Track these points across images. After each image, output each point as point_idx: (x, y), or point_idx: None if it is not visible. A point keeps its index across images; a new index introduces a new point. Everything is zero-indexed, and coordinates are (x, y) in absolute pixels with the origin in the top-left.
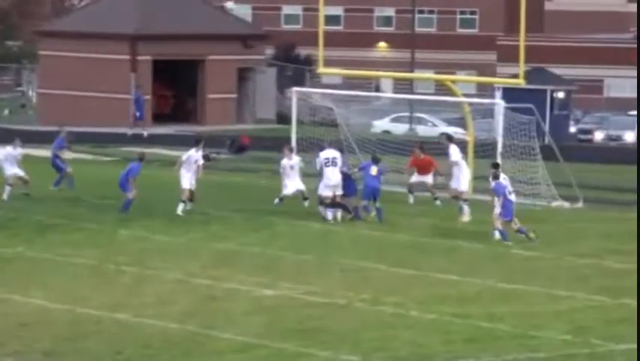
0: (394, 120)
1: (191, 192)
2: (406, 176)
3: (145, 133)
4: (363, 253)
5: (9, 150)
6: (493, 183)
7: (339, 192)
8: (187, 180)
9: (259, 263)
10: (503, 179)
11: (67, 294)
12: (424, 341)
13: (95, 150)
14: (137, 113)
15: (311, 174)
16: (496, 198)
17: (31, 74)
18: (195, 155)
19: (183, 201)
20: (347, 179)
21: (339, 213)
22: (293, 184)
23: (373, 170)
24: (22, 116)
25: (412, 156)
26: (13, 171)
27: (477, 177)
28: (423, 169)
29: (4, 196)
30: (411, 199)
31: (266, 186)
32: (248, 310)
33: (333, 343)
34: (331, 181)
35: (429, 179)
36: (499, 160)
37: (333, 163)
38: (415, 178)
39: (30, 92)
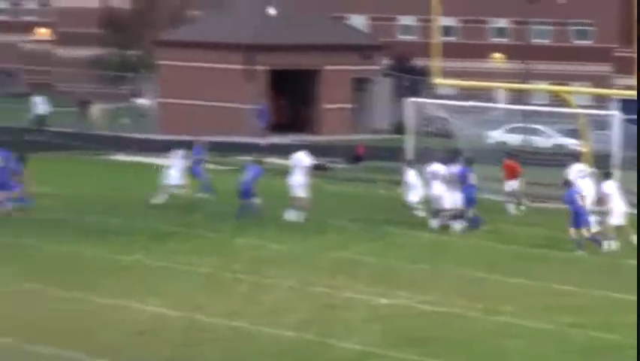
0: (509, 131)
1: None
2: (520, 185)
3: (262, 142)
4: (478, 263)
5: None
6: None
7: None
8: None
9: (375, 272)
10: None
11: (183, 302)
12: (538, 351)
13: (214, 159)
14: (262, 124)
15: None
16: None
17: (149, 83)
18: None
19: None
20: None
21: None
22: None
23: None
24: (140, 124)
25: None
26: (176, 181)
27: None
28: (510, 174)
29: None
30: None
31: (384, 195)
32: (364, 319)
33: (448, 352)
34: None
35: (515, 184)
36: (613, 172)
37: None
38: (508, 186)
39: (146, 101)
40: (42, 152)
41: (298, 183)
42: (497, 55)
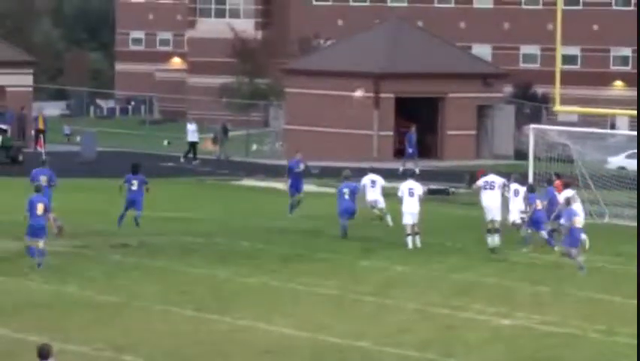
0: (630, 157)
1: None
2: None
3: (416, 169)
4: (598, 284)
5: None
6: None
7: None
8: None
9: (496, 293)
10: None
11: (309, 322)
12: None
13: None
14: (410, 150)
15: None
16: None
17: (279, 110)
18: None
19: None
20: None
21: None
22: None
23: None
24: (271, 150)
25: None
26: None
27: None
28: None
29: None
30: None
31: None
32: (486, 339)
33: None
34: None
35: None
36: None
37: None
38: None
39: (276, 128)
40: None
41: (412, 210)
42: (619, 83)
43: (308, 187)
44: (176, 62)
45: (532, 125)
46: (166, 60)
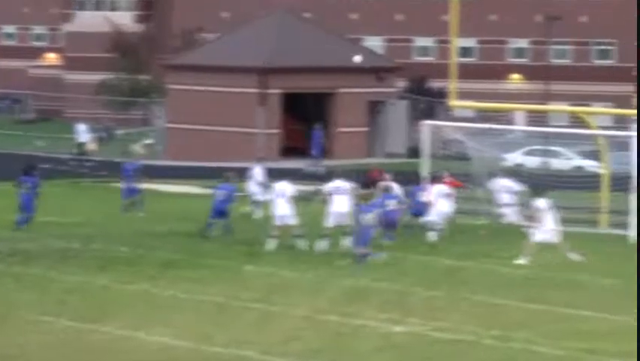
0: (527, 153)
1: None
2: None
3: (320, 169)
4: (493, 289)
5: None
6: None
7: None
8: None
9: (388, 299)
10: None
11: (191, 331)
12: None
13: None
14: (314, 151)
15: None
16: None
17: (161, 108)
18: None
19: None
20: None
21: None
22: None
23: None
24: (149, 150)
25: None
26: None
27: (613, 211)
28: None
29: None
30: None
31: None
32: (376, 347)
33: None
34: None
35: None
36: (635, 194)
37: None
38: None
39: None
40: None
41: (283, 213)
42: (516, 76)
43: (190, 189)
44: (52, 57)
45: (427, 122)
46: (40, 56)
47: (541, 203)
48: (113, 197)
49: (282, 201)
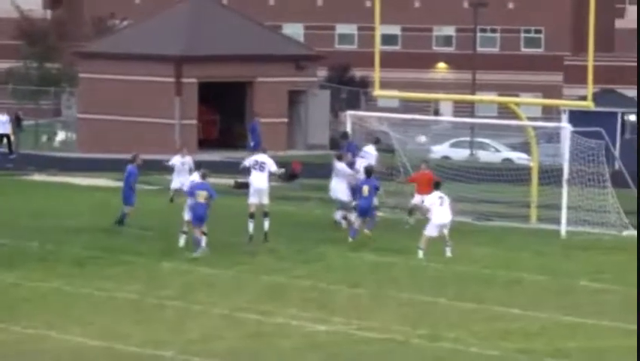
0: (454, 145)
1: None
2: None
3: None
4: (421, 286)
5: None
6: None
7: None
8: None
9: (311, 297)
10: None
11: (107, 331)
12: None
13: (139, 179)
14: (252, 143)
15: None
16: None
17: (72, 97)
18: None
19: (184, 232)
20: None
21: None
22: None
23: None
24: (64, 142)
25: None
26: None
27: (542, 206)
28: (423, 187)
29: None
30: (411, 221)
31: (319, 215)
32: (299, 347)
33: None
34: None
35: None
36: (565, 187)
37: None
38: (418, 198)
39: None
40: None
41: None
42: (442, 65)
43: (105, 182)
44: None
45: (349, 112)
46: None
47: (434, 196)
48: (21, 191)
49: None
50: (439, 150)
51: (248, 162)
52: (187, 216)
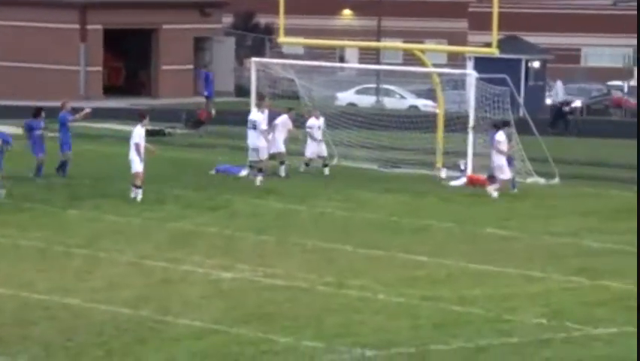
0: (360, 92)
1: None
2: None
3: (213, 112)
4: (327, 234)
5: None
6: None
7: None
8: (138, 161)
9: (217, 244)
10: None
11: (12, 278)
12: (390, 325)
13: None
14: (206, 92)
15: None
16: None
17: None
18: (140, 131)
19: (138, 186)
20: None
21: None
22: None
23: None
24: None
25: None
26: None
27: (448, 153)
28: None
29: None
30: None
31: (224, 162)
32: (205, 295)
33: (295, 328)
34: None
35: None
36: (470, 134)
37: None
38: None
39: None
40: None
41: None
42: (347, 11)
43: (7, 128)
44: None
45: (254, 59)
46: None
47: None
48: None
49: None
50: (345, 97)
51: None
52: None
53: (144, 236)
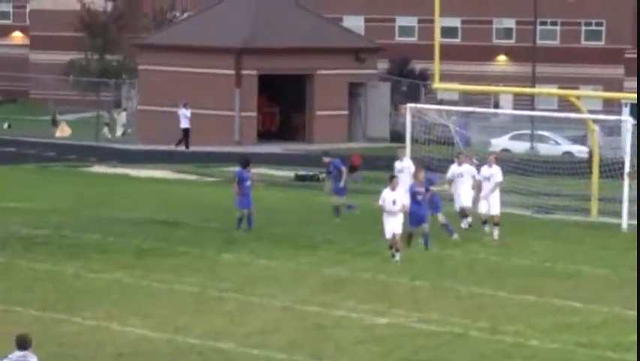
0: (514, 138)
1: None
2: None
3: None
4: (481, 279)
5: None
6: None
7: None
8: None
9: (371, 290)
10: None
11: (167, 322)
12: None
13: (199, 170)
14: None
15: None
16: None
17: (132, 89)
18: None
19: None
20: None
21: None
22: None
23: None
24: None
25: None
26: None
27: (603, 199)
28: None
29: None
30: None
31: (378, 208)
32: (359, 340)
33: None
34: None
35: None
36: (626, 180)
37: None
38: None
39: (128, 109)
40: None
41: None
42: (502, 57)
43: (165, 173)
44: (17, 36)
45: (409, 105)
46: (5, 35)
47: None
48: (82, 182)
49: None
50: (499, 143)
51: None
52: None
53: (297, 281)
